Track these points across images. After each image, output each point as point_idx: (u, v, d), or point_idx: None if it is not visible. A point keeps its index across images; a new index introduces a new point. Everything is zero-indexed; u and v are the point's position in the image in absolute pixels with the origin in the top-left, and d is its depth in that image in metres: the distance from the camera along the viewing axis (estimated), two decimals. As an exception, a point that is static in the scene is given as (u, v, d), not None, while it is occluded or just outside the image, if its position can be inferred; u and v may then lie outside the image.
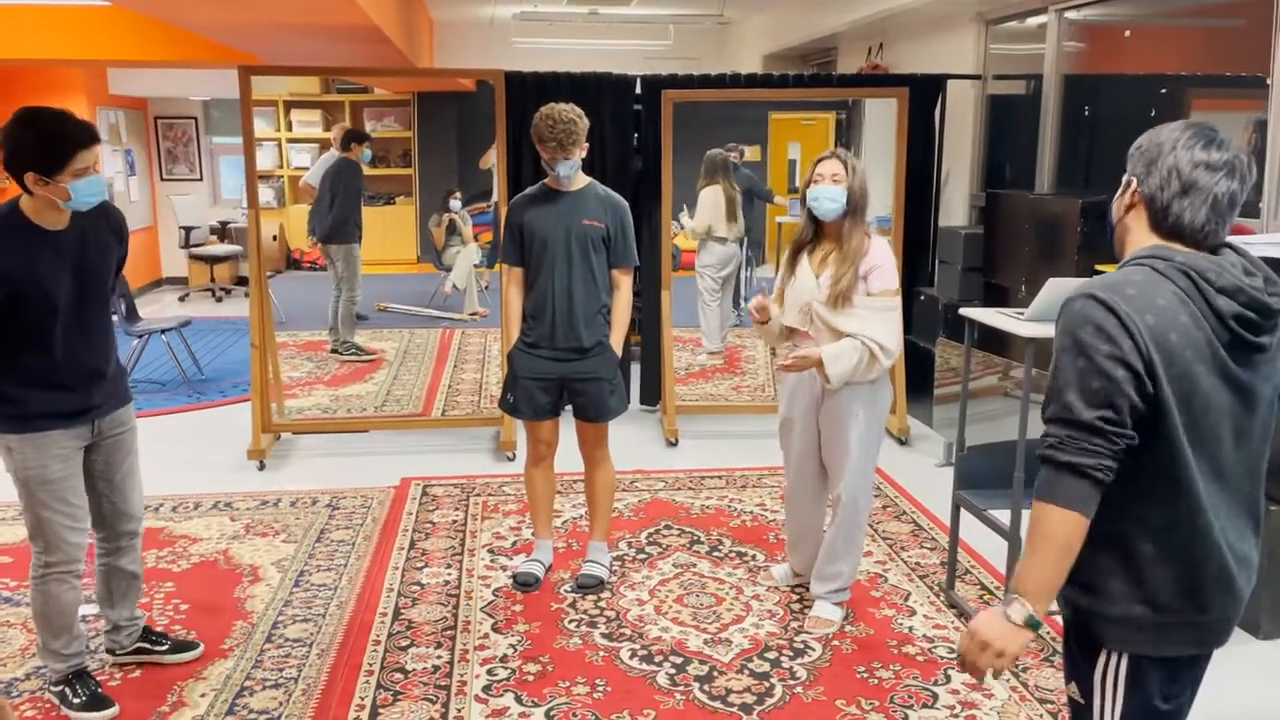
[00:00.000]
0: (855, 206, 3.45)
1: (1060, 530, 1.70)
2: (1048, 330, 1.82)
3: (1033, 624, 1.71)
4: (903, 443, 5.78)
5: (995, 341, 5.00)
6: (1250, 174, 1.79)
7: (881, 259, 3.45)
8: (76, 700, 3.09)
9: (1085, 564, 1.80)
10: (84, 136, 2.79)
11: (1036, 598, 1.73)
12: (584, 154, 3.71)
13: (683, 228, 7.58)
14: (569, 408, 3.89)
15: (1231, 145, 1.80)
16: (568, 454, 4.05)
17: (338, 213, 7.57)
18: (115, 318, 3.28)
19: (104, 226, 3.01)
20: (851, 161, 3.46)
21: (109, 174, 9.65)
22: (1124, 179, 1.87)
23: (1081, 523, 1.70)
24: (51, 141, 2.75)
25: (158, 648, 3.38)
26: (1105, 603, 1.80)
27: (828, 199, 3.44)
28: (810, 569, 3.79)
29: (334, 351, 7.84)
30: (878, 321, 3.41)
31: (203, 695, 3.21)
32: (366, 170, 8.12)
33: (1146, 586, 1.77)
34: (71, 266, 2.88)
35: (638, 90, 6.07)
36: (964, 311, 3.85)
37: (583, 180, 3.79)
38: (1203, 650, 1.85)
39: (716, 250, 7.51)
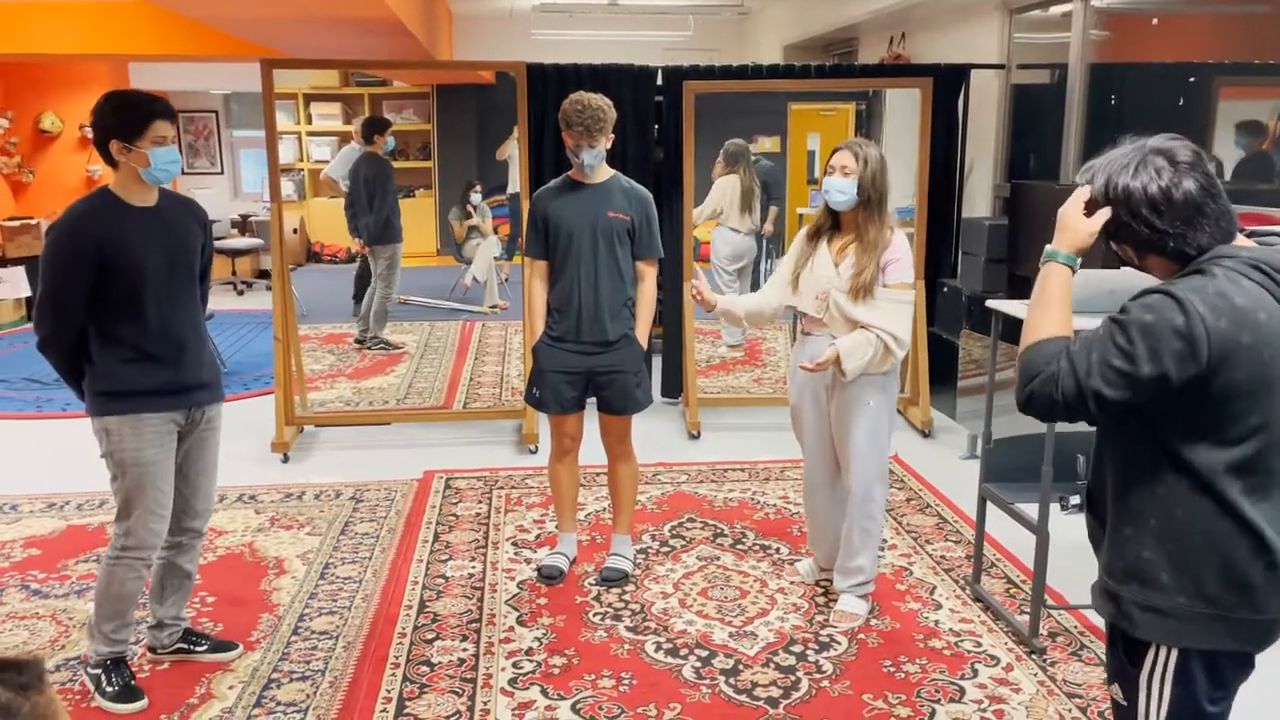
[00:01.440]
0: (867, 198, 3.45)
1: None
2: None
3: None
4: (926, 435, 5.75)
5: (1019, 333, 4.96)
6: (1185, 141, 1.77)
7: (899, 252, 3.49)
8: (109, 689, 3.11)
9: (1134, 556, 1.80)
10: (161, 108, 2.99)
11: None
12: (609, 145, 3.70)
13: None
14: (592, 400, 3.89)
15: (1148, 143, 1.77)
16: (590, 447, 4.05)
17: (381, 214, 7.56)
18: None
19: (189, 215, 3.19)
20: (864, 153, 3.45)
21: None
22: (1112, 246, 1.85)
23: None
24: (132, 108, 2.95)
25: (197, 647, 3.40)
26: (1155, 594, 1.79)
27: (836, 190, 3.47)
28: (833, 561, 3.78)
29: (359, 344, 7.86)
30: (893, 314, 3.45)
31: (230, 687, 3.23)
32: (385, 162, 8.12)
33: (1194, 578, 1.76)
34: (160, 240, 3.03)
35: (659, 81, 6.06)
36: (991, 304, 3.82)
37: (607, 172, 3.78)
38: (1251, 648, 1.82)
39: (731, 241, 7.47)
